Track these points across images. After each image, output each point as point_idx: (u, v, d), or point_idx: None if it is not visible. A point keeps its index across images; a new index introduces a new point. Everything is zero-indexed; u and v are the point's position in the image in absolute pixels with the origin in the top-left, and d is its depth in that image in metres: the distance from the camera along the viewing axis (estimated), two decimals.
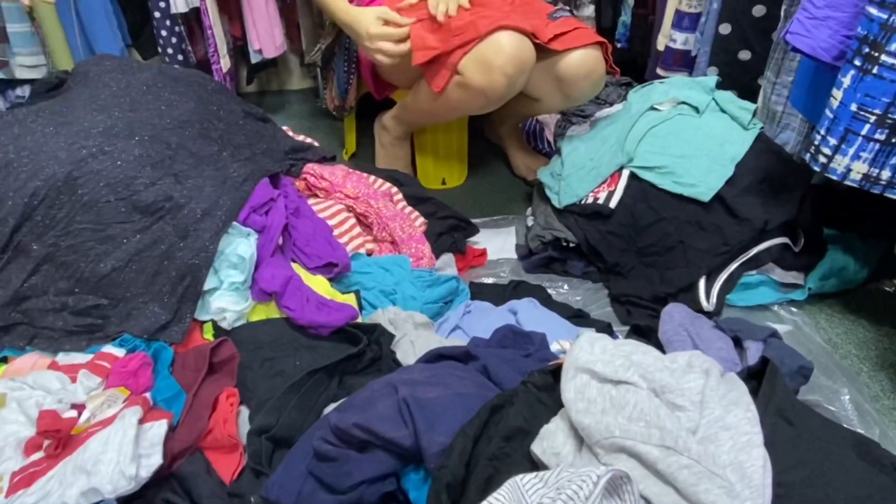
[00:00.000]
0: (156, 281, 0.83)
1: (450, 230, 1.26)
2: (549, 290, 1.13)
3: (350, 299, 0.91)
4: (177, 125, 1.00)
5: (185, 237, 0.84)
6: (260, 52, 1.75)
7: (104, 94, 1.01)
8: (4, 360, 0.85)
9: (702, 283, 1.08)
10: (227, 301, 0.82)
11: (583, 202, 1.18)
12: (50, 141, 0.90)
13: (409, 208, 1.24)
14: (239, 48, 1.77)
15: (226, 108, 1.13)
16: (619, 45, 1.70)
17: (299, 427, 0.67)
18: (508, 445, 0.48)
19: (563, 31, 1.17)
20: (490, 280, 1.19)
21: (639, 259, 1.13)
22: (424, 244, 1.14)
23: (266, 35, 1.70)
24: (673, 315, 0.88)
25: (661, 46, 1.43)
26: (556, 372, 0.54)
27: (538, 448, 0.48)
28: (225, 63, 1.65)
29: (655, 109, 1.21)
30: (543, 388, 0.53)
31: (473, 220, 1.26)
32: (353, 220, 1.15)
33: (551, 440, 0.47)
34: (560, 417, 0.50)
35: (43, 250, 0.84)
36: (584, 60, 1.17)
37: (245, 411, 0.73)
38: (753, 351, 0.75)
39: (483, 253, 1.27)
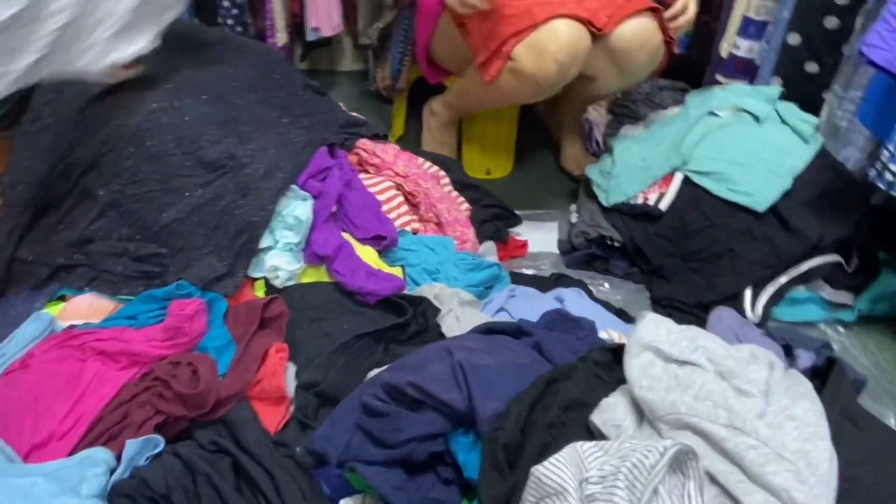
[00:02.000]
0: (214, 235, 0.85)
1: (493, 219, 1.26)
2: (590, 288, 1.12)
3: (397, 272, 0.92)
4: (241, 88, 1.02)
5: (246, 195, 0.86)
6: (317, 29, 1.76)
7: (173, 53, 1.03)
8: (62, 298, 0.88)
9: (748, 293, 1.06)
10: (280, 260, 0.84)
11: (632, 202, 1.17)
12: (122, 93, 0.92)
13: (455, 192, 1.25)
14: (296, 24, 1.79)
15: (287, 77, 1.15)
16: (676, 51, 1.68)
17: (345, 386, 0.68)
18: (566, 415, 0.48)
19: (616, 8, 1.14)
20: (530, 272, 1.19)
21: (684, 264, 1.12)
22: (469, 228, 1.15)
23: (324, 13, 1.72)
24: (722, 318, 0.87)
25: (724, 53, 1.41)
26: (614, 352, 0.54)
27: (598, 419, 0.48)
28: (281, 38, 1.67)
29: (714, 115, 1.19)
30: (602, 365, 0.53)
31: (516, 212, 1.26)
32: (401, 198, 1.15)
33: (612, 412, 0.48)
34: (620, 393, 0.50)
35: (108, 196, 0.87)
36: (637, 30, 1.14)
37: (291, 367, 0.74)
38: (805, 360, 0.74)
39: (524, 244, 1.27)
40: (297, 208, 0.86)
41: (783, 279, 1.07)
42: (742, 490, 0.40)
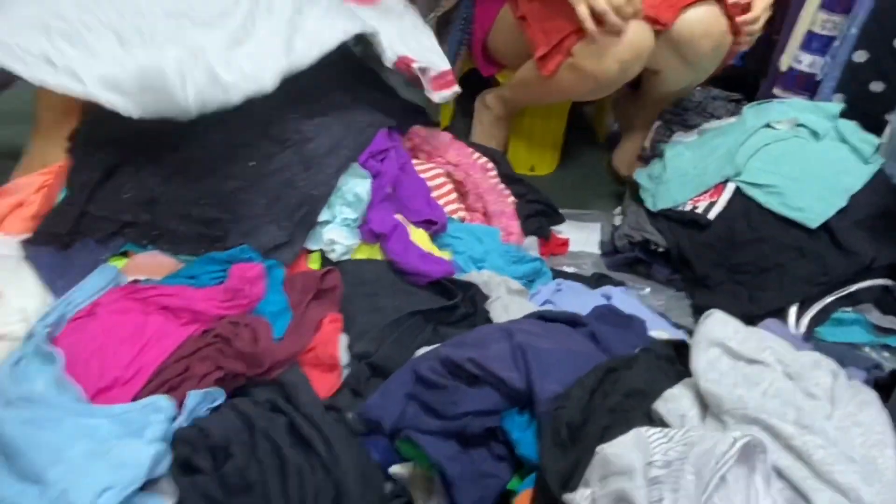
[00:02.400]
0: (276, 205, 0.87)
1: (536, 214, 1.27)
2: (631, 291, 1.12)
3: (446, 256, 0.93)
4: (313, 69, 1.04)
5: (309, 169, 0.88)
6: None
7: None
8: (125, 253, 0.91)
9: (793, 309, 1.05)
10: (338, 234, 0.86)
11: (679, 208, 1.17)
12: None
13: (502, 185, 1.26)
14: None
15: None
16: (732, 63, 1.66)
17: (396, 360, 0.70)
18: (627, 402, 0.49)
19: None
20: (570, 270, 1.19)
21: (729, 275, 1.12)
22: (515, 221, 1.16)
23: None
24: (772, 330, 0.87)
25: (784, 67, 1.39)
26: (676, 347, 0.55)
27: (663, 407, 0.49)
28: None
29: (772, 127, 1.18)
30: (664, 358, 0.54)
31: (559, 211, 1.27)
32: (450, 186, 1.17)
33: (676, 402, 0.49)
34: (684, 385, 0.51)
35: (177, 161, 0.91)
36: (699, 17, 1.11)
37: (343, 338, 0.76)
38: (857, 378, 0.73)
39: (565, 242, 1.27)
40: (358, 186, 0.88)
41: (830, 298, 1.06)
42: (810, 486, 0.41)
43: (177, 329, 0.75)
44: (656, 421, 0.49)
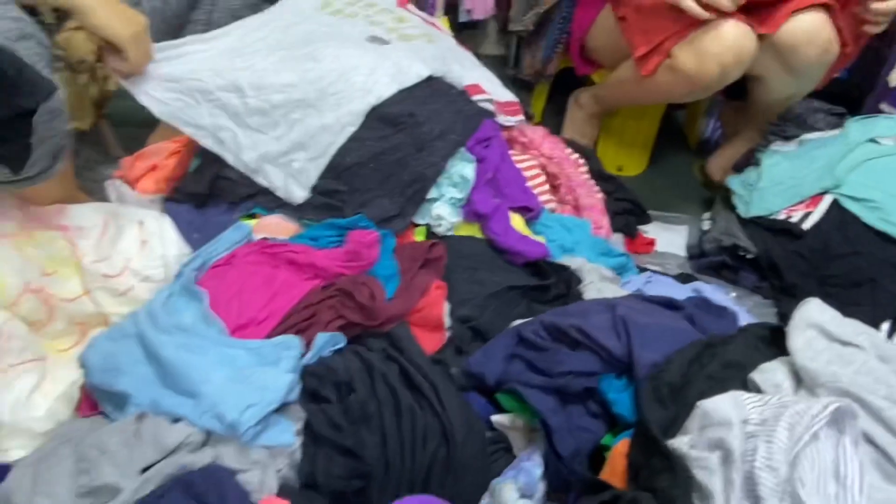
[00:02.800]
0: (389, 181, 0.96)
1: (623, 212, 1.30)
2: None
3: (542, 240, 0.99)
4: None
5: (421, 150, 0.96)
6: (469, 12, 1.85)
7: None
8: (252, 215, 1.03)
9: (885, 326, 1.05)
10: (445, 211, 0.94)
11: (773, 217, 1.17)
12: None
13: (592, 181, 1.30)
14: (450, 5, 1.89)
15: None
16: (837, 75, 1.62)
17: (495, 326, 0.77)
18: (725, 372, 0.54)
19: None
20: (656, 269, 1.22)
21: (820, 286, 1.12)
22: (604, 216, 1.20)
23: None
24: None
25: (893, 82, 1.36)
26: (772, 331, 0.59)
27: (758, 377, 0.53)
28: (439, 14, 1.77)
29: (876, 142, 1.17)
30: (762, 339, 0.58)
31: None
32: (543, 177, 1.22)
33: (772, 373, 0.53)
34: (780, 362, 0.54)
35: None
36: (803, 25, 1.08)
37: (446, 305, 0.84)
38: None
39: (652, 242, 1.30)
40: (464, 169, 0.95)
41: None
42: None
43: (301, 282, 0.84)
44: (752, 389, 0.53)
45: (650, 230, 1.33)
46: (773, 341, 0.57)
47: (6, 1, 0.81)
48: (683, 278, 1.14)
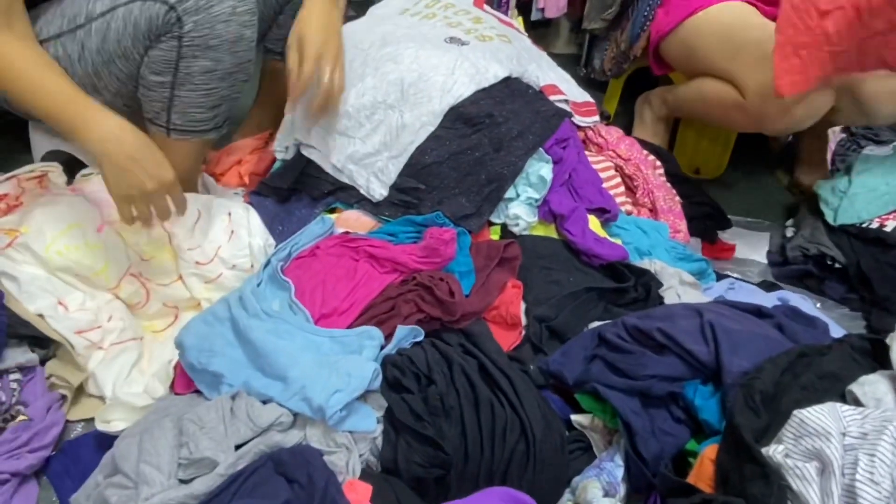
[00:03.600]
0: (466, 179, 0.98)
1: (702, 217, 1.27)
2: None
3: (618, 242, 0.99)
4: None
5: (499, 150, 0.97)
6: (542, 10, 1.85)
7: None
8: (333, 210, 1.07)
9: None
10: (521, 210, 0.95)
11: (864, 225, 1.12)
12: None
13: (669, 184, 1.27)
14: (524, 4, 1.89)
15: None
16: None
17: (572, 327, 0.77)
18: (820, 382, 0.52)
19: None
20: (736, 276, 1.18)
21: None
22: (682, 220, 1.17)
23: None
24: None
25: None
26: (873, 342, 0.56)
27: (858, 390, 0.51)
28: (513, 13, 1.78)
29: None
30: (858, 350, 0.56)
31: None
32: (619, 179, 1.21)
33: (873, 387, 0.51)
34: (880, 375, 0.52)
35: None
36: (889, 87, 1.07)
37: (522, 304, 0.84)
38: None
39: (731, 248, 1.26)
40: (542, 169, 0.96)
41: None
42: None
43: (381, 275, 0.87)
44: (850, 402, 0.51)
45: (730, 236, 1.29)
46: (873, 354, 0.55)
47: None
48: (766, 286, 1.10)
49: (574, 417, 0.66)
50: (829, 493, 0.42)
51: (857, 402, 0.51)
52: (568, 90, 1.20)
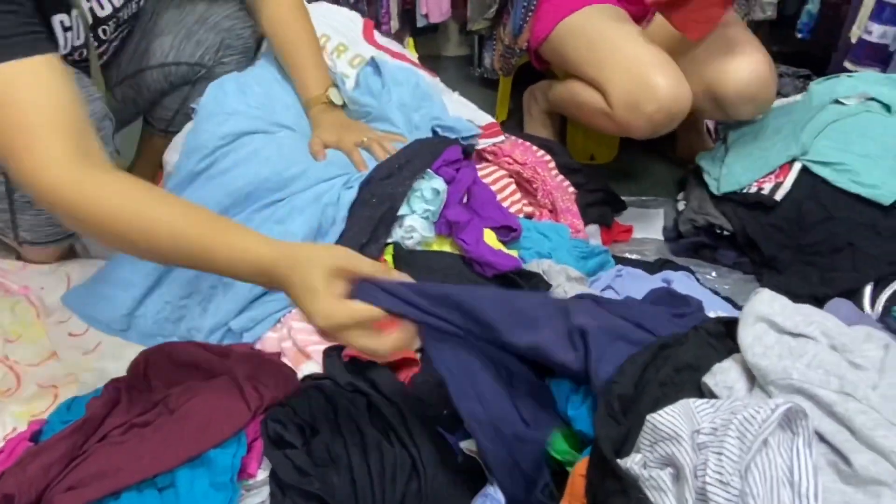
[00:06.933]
0: (357, 210, 0.94)
1: (598, 203, 1.28)
2: (697, 276, 1.12)
3: (514, 254, 0.98)
4: None
5: (388, 177, 0.95)
6: (426, 16, 1.84)
7: None
8: None
9: (867, 290, 1.03)
10: (417, 223, 0.93)
11: (745, 191, 1.15)
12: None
13: (562, 177, 1.28)
14: (406, 12, 1.87)
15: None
16: (799, 36, 1.60)
17: None
18: (678, 376, 0.52)
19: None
20: (634, 257, 1.20)
21: (799, 256, 1.10)
22: (579, 219, 1.18)
23: (434, 1, 1.80)
24: (840, 309, 0.86)
25: (854, 38, 1.33)
26: (727, 325, 0.57)
27: (711, 380, 0.52)
28: (395, 24, 1.76)
29: (840, 103, 1.15)
30: (714, 335, 0.56)
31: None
32: (513, 186, 1.19)
33: (724, 375, 0.51)
34: (732, 360, 0.53)
35: None
36: (747, 81, 1.09)
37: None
38: None
39: (629, 229, 1.28)
40: (435, 183, 0.94)
41: None
42: (850, 448, 0.43)
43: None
44: (706, 394, 0.51)
45: (626, 217, 1.31)
46: (730, 336, 0.55)
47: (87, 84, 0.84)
48: (661, 264, 1.12)
49: (463, 444, 0.64)
50: (683, 501, 0.42)
51: (711, 394, 0.51)
52: (472, 115, 1.20)
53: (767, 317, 0.52)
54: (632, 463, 0.45)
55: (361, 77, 1.16)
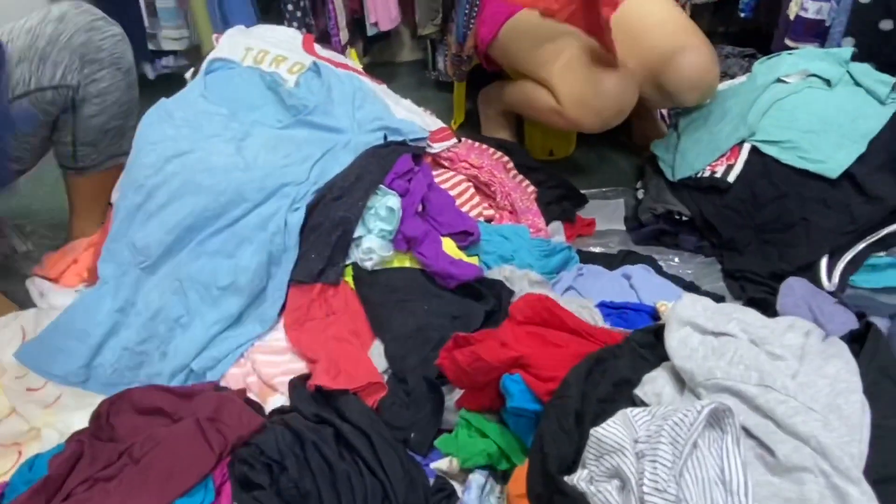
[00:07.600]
0: (311, 235, 0.94)
1: (559, 199, 1.29)
2: (660, 263, 1.14)
3: (474, 261, 0.98)
4: None
5: (339, 198, 0.95)
6: (376, 24, 1.83)
7: None
8: None
9: (824, 261, 1.05)
10: (375, 244, 0.93)
11: (698, 175, 1.17)
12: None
13: (521, 177, 1.29)
14: (355, 20, 1.87)
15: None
16: (742, 15, 1.62)
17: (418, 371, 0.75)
18: (616, 391, 0.53)
19: None
20: (598, 249, 1.21)
21: (756, 235, 1.12)
22: (540, 218, 1.19)
23: (382, 8, 1.79)
24: (794, 288, 0.88)
25: (792, 15, 1.36)
26: (656, 332, 0.58)
27: (640, 391, 0.53)
28: (344, 35, 1.75)
29: (783, 82, 1.17)
30: (645, 346, 0.57)
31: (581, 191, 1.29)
32: (472, 190, 1.20)
33: (652, 384, 0.52)
34: (661, 368, 0.54)
35: None
36: (689, 70, 1.12)
37: (379, 345, 0.82)
38: (881, 327, 0.73)
39: (591, 223, 1.29)
40: (389, 201, 0.94)
41: (861, 246, 1.05)
42: (774, 439, 0.44)
43: None
44: (639, 405, 0.52)
45: (589, 210, 1.32)
46: (658, 339, 0.56)
47: None
48: (624, 255, 1.13)
49: (434, 465, 0.65)
50: None
51: (643, 405, 0.52)
52: (422, 120, 1.20)
53: (691, 319, 0.53)
54: (578, 479, 0.46)
55: (302, 80, 1.15)
